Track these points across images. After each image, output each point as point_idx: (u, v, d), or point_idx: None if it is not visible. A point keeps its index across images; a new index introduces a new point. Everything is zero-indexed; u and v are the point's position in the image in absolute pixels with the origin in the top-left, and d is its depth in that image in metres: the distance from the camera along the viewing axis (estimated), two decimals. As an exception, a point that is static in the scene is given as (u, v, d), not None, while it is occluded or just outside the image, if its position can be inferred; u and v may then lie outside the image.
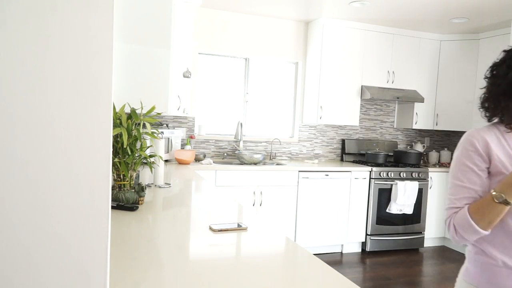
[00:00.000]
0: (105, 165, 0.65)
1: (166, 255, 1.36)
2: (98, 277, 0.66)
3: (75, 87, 0.65)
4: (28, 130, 0.62)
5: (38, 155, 0.63)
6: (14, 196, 0.62)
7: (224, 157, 4.75)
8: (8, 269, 0.63)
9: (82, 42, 0.65)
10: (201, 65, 4.71)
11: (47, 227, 0.64)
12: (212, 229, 1.67)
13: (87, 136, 0.65)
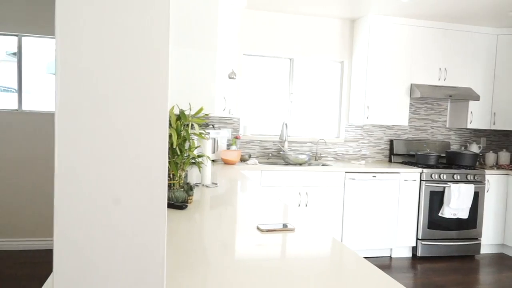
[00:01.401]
0: (162, 165, 0.67)
1: (213, 253, 1.37)
2: (155, 272, 0.67)
3: (136, 90, 0.67)
4: (97, 132, 0.65)
5: (104, 155, 0.65)
6: (87, 195, 0.64)
7: (269, 158, 4.75)
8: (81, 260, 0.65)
9: (141, 49, 0.67)
10: (246, 66, 4.74)
11: (111, 224, 0.66)
12: (260, 229, 1.67)
13: (146, 137, 0.67)
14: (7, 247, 4.14)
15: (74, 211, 0.64)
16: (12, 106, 4.17)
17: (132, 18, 0.67)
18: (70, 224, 0.64)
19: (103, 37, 0.66)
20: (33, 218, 4.20)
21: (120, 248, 0.67)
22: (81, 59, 0.64)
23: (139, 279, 0.67)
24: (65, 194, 0.63)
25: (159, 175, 0.66)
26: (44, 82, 4.37)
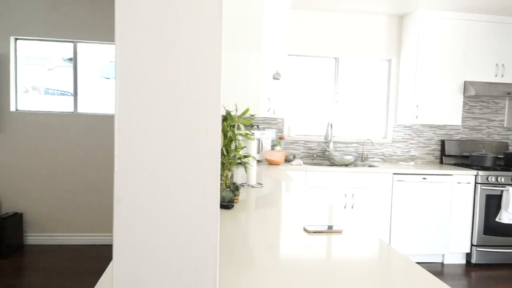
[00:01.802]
0: (215, 166, 0.68)
1: (258, 253, 1.37)
2: (209, 270, 0.68)
3: (190, 93, 0.68)
4: (154, 133, 0.67)
5: (160, 155, 0.67)
6: (144, 194, 0.67)
7: (313, 158, 4.70)
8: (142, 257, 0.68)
9: (196, 54, 0.68)
10: (290, 66, 4.72)
11: (167, 223, 0.68)
12: (306, 230, 1.65)
13: (200, 139, 0.68)
14: (65, 241, 4.39)
15: (132, 209, 0.66)
16: (69, 108, 4.41)
17: (187, 23, 0.69)
18: (128, 221, 0.66)
19: (159, 43, 0.68)
20: (88, 214, 4.42)
21: (175, 246, 0.68)
22: (138, 64, 0.67)
23: (193, 277, 0.68)
24: (124, 193, 0.66)
25: (212, 176, 0.67)
26: (96, 85, 4.60)
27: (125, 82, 0.66)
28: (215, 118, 0.68)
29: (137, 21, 0.66)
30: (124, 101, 0.66)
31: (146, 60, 0.67)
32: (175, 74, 0.68)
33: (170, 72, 0.68)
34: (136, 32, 0.66)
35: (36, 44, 4.37)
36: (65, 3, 4.23)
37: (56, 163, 4.34)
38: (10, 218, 4.01)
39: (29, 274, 3.57)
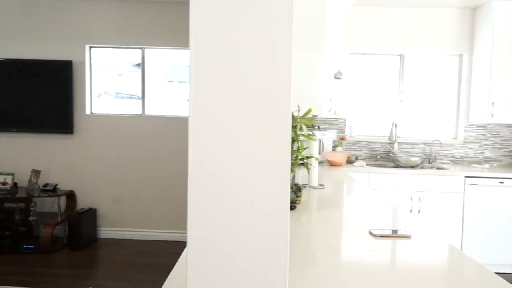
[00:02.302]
0: (286, 167, 0.67)
1: (321, 255, 1.35)
2: (279, 270, 0.68)
3: (261, 95, 0.69)
4: (226, 135, 0.68)
5: (232, 156, 0.68)
6: (217, 194, 0.68)
7: (377, 159, 4.54)
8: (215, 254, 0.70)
9: (267, 57, 0.69)
10: (352, 65, 4.60)
11: (239, 222, 0.69)
12: (372, 234, 1.60)
13: (271, 140, 0.68)
14: (133, 236, 4.65)
15: (205, 209, 0.68)
16: (137, 111, 4.67)
17: (259, 27, 0.69)
18: (201, 221, 0.68)
19: (232, 47, 0.69)
20: (154, 211, 4.64)
21: (247, 246, 0.69)
22: (212, 68, 0.68)
23: (265, 276, 0.69)
24: (197, 193, 0.68)
25: (283, 177, 0.67)
26: (162, 89, 4.81)
27: (198, 85, 0.68)
28: (286, 120, 0.67)
29: (209, 26, 0.68)
30: (198, 104, 0.67)
31: (219, 63, 0.68)
32: (246, 77, 0.69)
33: (242, 75, 0.69)
34: (209, 37, 0.68)
35: (108, 52, 4.68)
36: (134, 12, 4.48)
37: (126, 162, 4.61)
38: (85, 213, 4.33)
39: (101, 266, 3.82)
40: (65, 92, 4.47)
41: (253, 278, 0.69)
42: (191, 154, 0.67)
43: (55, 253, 4.11)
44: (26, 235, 4.37)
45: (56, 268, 3.73)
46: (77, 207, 4.61)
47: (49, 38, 4.52)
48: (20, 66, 4.46)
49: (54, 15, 4.50)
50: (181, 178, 4.60)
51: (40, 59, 4.52)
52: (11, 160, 4.63)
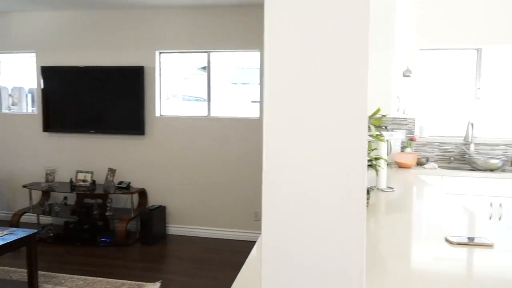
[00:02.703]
0: (362, 169, 0.65)
1: (390, 261, 1.29)
2: (356, 275, 0.66)
3: (336, 97, 0.67)
4: (301, 137, 0.68)
5: (307, 158, 0.68)
6: (291, 195, 0.68)
7: (450, 162, 4.26)
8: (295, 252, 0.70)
9: (342, 58, 0.67)
10: (422, 62, 4.36)
11: (313, 224, 0.68)
12: (449, 241, 1.50)
13: (346, 142, 0.67)
14: (200, 233, 4.80)
15: (279, 210, 0.68)
16: (203, 113, 4.82)
17: (334, 27, 0.68)
18: (276, 222, 0.68)
19: (307, 48, 0.68)
20: (221, 210, 4.76)
21: (322, 248, 0.68)
22: (286, 69, 0.68)
23: (341, 280, 0.67)
24: (272, 193, 0.68)
25: (358, 179, 0.65)
26: (226, 91, 4.92)
27: (273, 86, 0.68)
28: (362, 120, 0.65)
29: (284, 27, 0.68)
30: (272, 105, 0.68)
31: (293, 64, 0.68)
32: (322, 77, 0.68)
33: (317, 76, 0.68)
34: (284, 37, 0.68)
35: (175, 56, 4.88)
36: (200, 17, 4.63)
37: (193, 162, 4.78)
38: (156, 210, 4.56)
39: (170, 261, 4.00)
40: (137, 96, 4.74)
41: (330, 281, 0.67)
42: (266, 155, 0.67)
43: (128, 246, 4.37)
44: (103, 229, 4.70)
45: (129, 261, 3.97)
46: (148, 204, 4.87)
47: (123, 46, 4.83)
48: (98, 73, 4.81)
49: (127, 25, 4.80)
50: (247, 178, 4.67)
51: (115, 65, 4.84)
52: (90, 159, 5.01)
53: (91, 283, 3.41)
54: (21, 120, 5.18)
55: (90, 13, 4.88)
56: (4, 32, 5.11)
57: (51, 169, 4.74)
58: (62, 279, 3.47)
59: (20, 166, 5.21)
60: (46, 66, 4.94)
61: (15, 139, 5.20)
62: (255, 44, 4.55)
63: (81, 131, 4.92)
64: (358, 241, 0.65)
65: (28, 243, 3.14)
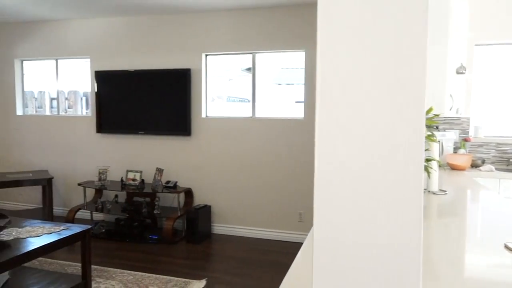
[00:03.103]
0: (419, 170, 0.62)
1: (442, 268, 1.22)
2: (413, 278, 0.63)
3: (391, 96, 0.65)
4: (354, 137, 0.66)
5: (361, 160, 0.66)
6: (344, 197, 0.67)
7: (509, 164, 4.00)
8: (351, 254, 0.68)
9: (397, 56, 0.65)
10: (478, 58, 4.13)
11: (371, 228, 0.66)
12: (509, 248, 1.40)
13: (402, 143, 0.64)
14: (245, 233, 4.84)
15: (332, 211, 0.66)
16: (247, 113, 4.85)
17: (391, 25, 0.65)
18: (329, 224, 0.67)
19: (361, 46, 0.66)
20: (265, 211, 4.77)
21: (376, 252, 0.66)
22: (339, 68, 0.67)
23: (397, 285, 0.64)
24: (324, 195, 0.67)
25: (415, 180, 0.62)
26: (270, 91, 4.92)
27: (325, 86, 0.67)
28: (419, 120, 0.62)
29: (338, 25, 0.66)
30: (325, 104, 0.66)
31: (347, 63, 0.66)
32: (377, 75, 0.65)
33: (372, 74, 0.65)
34: (338, 36, 0.66)
35: (220, 58, 4.96)
36: (246, 19, 4.67)
37: (238, 163, 4.83)
38: (201, 209, 4.65)
39: (215, 259, 4.06)
40: (184, 97, 4.86)
41: (385, 285, 0.65)
42: (318, 156, 0.66)
43: (174, 244, 4.49)
44: (151, 227, 4.86)
45: (175, 258, 4.08)
46: (194, 203, 4.97)
47: (171, 50, 4.97)
48: (147, 76, 4.99)
49: (175, 29, 4.93)
50: (291, 178, 4.65)
51: (163, 68, 5.00)
52: (139, 159, 5.20)
53: (140, 278, 3.54)
54: (76, 122, 5.48)
55: (140, 19, 5.07)
56: (61, 39, 5.43)
57: (103, 168, 4.97)
58: (113, 273, 3.63)
59: (76, 165, 5.51)
60: (99, 71, 5.20)
61: (71, 140, 5.51)
62: (300, 44, 4.52)
63: (131, 132, 5.12)
64: (414, 246, 0.62)
65: (83, 238, 3.31)
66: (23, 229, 3.28)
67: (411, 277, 0.63)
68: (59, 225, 3.42)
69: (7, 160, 5.84)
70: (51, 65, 5.65)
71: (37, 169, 5.68)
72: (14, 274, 3.47)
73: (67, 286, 3.25)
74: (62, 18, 5.27)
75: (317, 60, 0.70)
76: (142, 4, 4.50)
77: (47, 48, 5.50)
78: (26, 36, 5.58)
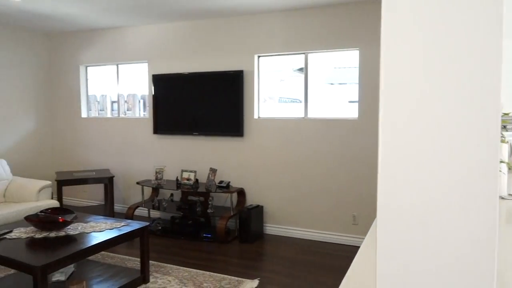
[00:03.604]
0: (493, 174, 0.58)
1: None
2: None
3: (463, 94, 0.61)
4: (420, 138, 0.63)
5: (428, 160, 0.63)
6: (409, 198, 0.64)
7: None
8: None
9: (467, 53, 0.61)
10: (551, 52, 3.79)
11: (434, 232, 0.63)
12: None
13: (474, 145, 0.60)
14: (297, 235, 4.81)
15: (396, 215, 0.64)
16: (299, 114, 4.82)
17: (462, 20, 0.61)
18: (393, 228, 0.64)
19: (429, 42, 0.63)
20: (318, 212, 4.71)
21: (447, 260, 0.62)
22: (405, 66, 0.64)
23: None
24: (389, 199, 0.64)
25: (490, 184, 0.58)
26: (322, 91, 4.86)
27: (390, 85, 0.64)
28: (494, 120, 0.58)
29: (404, 21, 0.64)
30: (390, 104, 0.64)
31: (414, 60, 0.63)
32: (448, 73, 0.62)
33: (441, 72, 0.62)
34: (404, 32, 0.64)
35: (272, 59, 4.97)
36: (298, 19, 4.65)
37: (290, 163, 4.81)
38: (254, 209, 4.68)
39: (268, 259, 4.07)
40: (237, 99, 4.93)
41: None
42: (382, 159, 0.64)
43: (227, 243, 4.56)
44: (205, 225, 4.98)
45: (228, 257, 4.14)
46: (246, 203, 5.02)
47: (224, 52, 5.06)
48: (201, 79, 5.12)
49: (227, 31, 5.02)
50: (345, 180, 4.56)
51: (216, 71, 5.10)
52: (194, 159, 5.35)
53: (195, 275, 3.63)
54: (135, 123, 5.75)
55: (194, 23, 5.21)
56: (121, 44, 5.72)
57: (160, 168, 5.17)
58: (169, 269, 3.76)
59: (134, 164, 5.78)
60: (156, 74, 5.41)
61: (130, 141, 5.79)
62: (354, 43, 4.42)
63: (186, 133, 5.28)
64: (488, 255, 0.58)
65: (142, 235, 3.46)
66: (88, 224, 3.50)
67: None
68: (120, 221, 3.60)
69: (73, 159, 6.25)
70: (112, 70, 5.97)
71: (99, 168, 6.03)
72: (79, 266, 3.70)
73: (127, 279, 3.41)
74: (122, 25, 5.55)
75: (381, 58, 0.68)
76: (198, 8, 4.63)
77: (108, 54, 5.82)
78: (90, 44, 5.95)
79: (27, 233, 3.23)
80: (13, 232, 3.26)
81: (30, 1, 4.37)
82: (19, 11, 4.80)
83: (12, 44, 5.75)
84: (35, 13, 4.90)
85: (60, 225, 3.26)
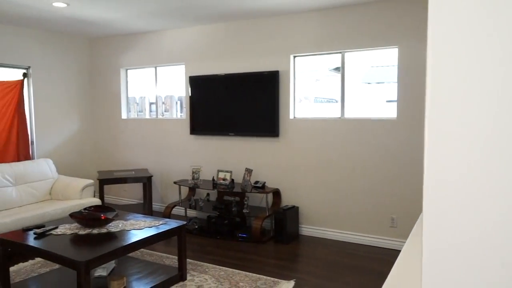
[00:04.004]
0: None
1: None
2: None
3: None
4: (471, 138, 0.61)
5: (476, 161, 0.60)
6: (456, 201, 0.61)
7: None
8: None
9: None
10: None
11: (483, 236, 0.59)
12: None
13: None
14: (333, 236, 4.74)
15: (445, 221, 0.61)
16: (335, 114, 4.75)
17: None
18: (441, 234, 0.62)
19: (481, 38, 0.60)
20: (355, 214, 4.63)
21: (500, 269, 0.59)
22: (454, 64, 0.61)
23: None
24: (434, 200, 0.62)
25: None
26: (359, 91, 4.76)
27: (438, 84, 0.62)
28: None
29: (453, 17, 0.61)
30: (438, 105, 0.61)
31: (464, 58, 0.61)
32: (502, 70, 0.58)
33: (495, 69, 0.59)
34: (452, 29, 0.61)
35: (307, 59, 4.93)
36: (334, 18, 4.58)
37: (326, 164, 4.75)
38: (289, 210, 4.66)
39: (303, 261, 4.03)
40: (272, 99, 4.93)
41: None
42: (428, 163, 0.61)
43: (263, 243, 4.57)
44: (240, 225, 5.01)
45: (263, 257, 4.14)
46: (281, 204, 5.01)
47: (259, 53, 5.08)
48: (236, 79, 5.16)
49: (263, 32, 5.03)
50: (383, 181, 4.45)
51: (252, 71, 5.12)
52: (230, 160, 5.39)
53: (231, 274, 3.66)
54: (172, 124, 5.87)
55: (230, 24, 5.26)
56: (159, 47, 5.86)
57: (196, 167, 5.25)
58: (206, 268, 3.81)
59: (172, 164, 5.91)
60: (193, 76, 5.50)
61: (167, 141, 5.92)
62: (392, 41, 4.30)
63: (221, 133, 5.33)
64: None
65: (179, 233, 3.53)
66: (128, 222, 3.61)
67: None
68: (158, 220, 3.69)
69: (114, 159, 6.47)
70: (150, 72, 6.13)
71: (138, 167, 6.21)
72: (120, 262, 3.82)
73: (165, 277, 3.49)
74: (160, 29, 5.69)
75: (428, 56, 0.65)
76: (233, 10, 4.67)
77: (147, 57, 5.98)
78: (130, 47, 6.14)
79: (72, 230, 3.37)
80: (59, 228, 3.41)
81: (74, 7, 4.57)
82: (63, 17, 5.03)
83: (57, 49, 6.03)
84: (78, 19, 5.11)
85: (102, 222, 3.38)
